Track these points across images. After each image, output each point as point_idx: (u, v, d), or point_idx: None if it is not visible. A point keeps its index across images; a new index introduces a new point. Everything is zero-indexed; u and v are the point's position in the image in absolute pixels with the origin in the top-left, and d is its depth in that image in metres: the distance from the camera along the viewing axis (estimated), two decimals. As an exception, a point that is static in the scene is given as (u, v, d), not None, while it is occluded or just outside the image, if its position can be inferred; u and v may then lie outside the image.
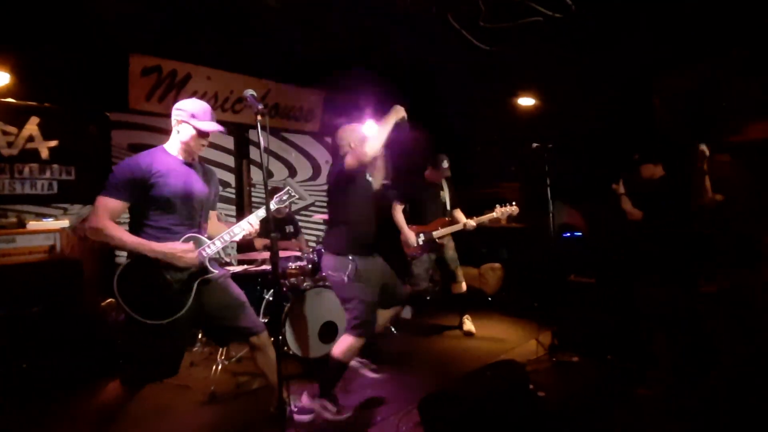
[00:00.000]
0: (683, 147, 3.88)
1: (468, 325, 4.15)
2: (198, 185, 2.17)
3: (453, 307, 4.36)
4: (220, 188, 2.53)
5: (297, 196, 2.55)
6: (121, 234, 1.96)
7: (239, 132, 5.07)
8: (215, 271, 2.16)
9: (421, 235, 4.00)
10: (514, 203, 3.89)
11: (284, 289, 3.52)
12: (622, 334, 3.22)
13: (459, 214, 4.14)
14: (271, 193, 4.46)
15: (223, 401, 2.88)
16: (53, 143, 3.89)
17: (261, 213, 2.29)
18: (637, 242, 3.28)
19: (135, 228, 2.05)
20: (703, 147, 2.84)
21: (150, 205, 2.03)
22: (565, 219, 4.92)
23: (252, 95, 1.95)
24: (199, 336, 3.80)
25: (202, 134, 2.15)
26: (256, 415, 2.63)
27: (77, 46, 3.83)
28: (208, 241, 2.15)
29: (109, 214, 1.97)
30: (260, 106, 1.92)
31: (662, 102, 4.27)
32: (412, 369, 3.40)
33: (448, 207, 4.14)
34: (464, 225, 3.98)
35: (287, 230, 4.30)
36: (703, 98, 3.97)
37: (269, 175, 1.97)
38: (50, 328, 3.18)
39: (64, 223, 3.63)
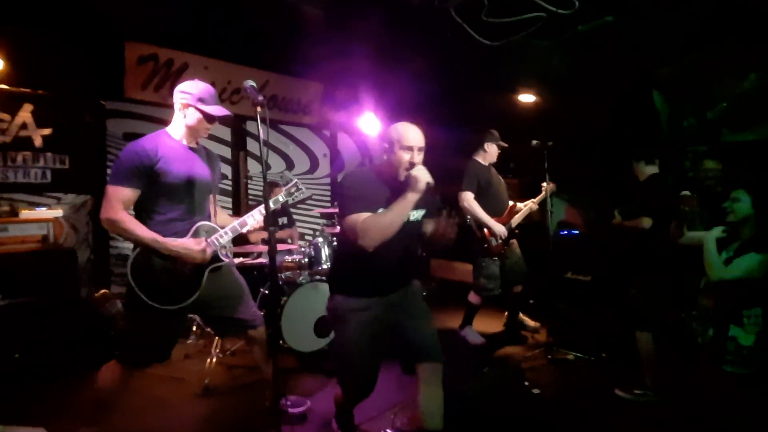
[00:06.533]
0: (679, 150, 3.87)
1: (528, 320, 3.98)
2: (202, 170, 2.14)
3: (501, 305, 4.17)
4: (221, 172, 2.50)
5: (303, 190, 2.54)
6: (137, 228, 1.93)
7: (237, 123, 5.02)
8: (225, 260, 2.16)
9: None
10: (550, 182, 3.57)
11: (280, 282, 3.51)
12: (617, 332, 3.24)
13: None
14: (270, 186, 4.40)
15: (218, 394, 2.86)
16: (47, 131, 3.83)
17: (276, 201, 2.36)
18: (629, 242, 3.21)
19: (142, 215, 2.00)
20: (686, 192, 2.68)
21: (156, 191, 1.99)
22: (563, 217, 4.92)
23: (252, 86, 1.90)
24: (194, 328, 3.78)
25: (210, 119, 2.10)
26: (251, 409, 2.61)
27: (72, 33, 3.77)
28: (221, 230, 2.14)
29: (122, 204, 1.92)
30: (260, 98, 1.89)
31: (663, 96, 4.24)
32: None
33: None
34: (530, 208, 3.70)
35: (280, 222, 4.27)
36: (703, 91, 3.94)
37: (267, 167, 1.95)
38: (44, 318, 3.15)
39: (58, 212, 3.59)
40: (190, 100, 2.06)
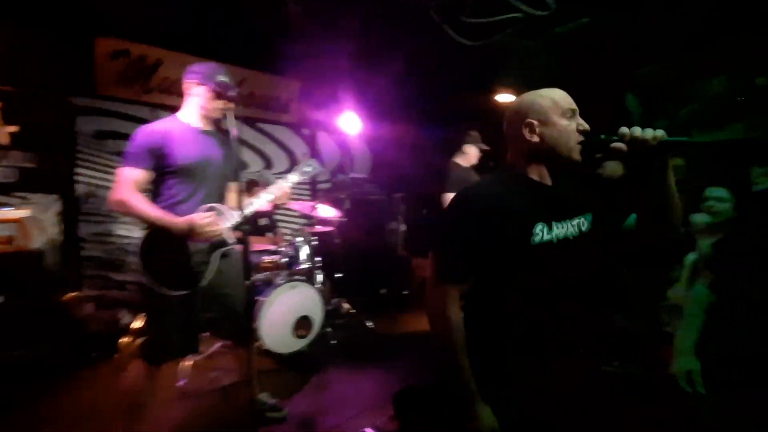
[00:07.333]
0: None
1: None
2: (216, 153, 2.11)
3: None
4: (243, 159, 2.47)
5: (320, 169, 2.50)
6: (144, 207, 1.93)
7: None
8: (232, 243, 2.11)
9: None
10: None
11: (257, 283, 3.46)
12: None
13: None
14: (249, 184, 4.29)
15: (194, 397, 2.80)
16: (14, 128, 3.68)
17: (292, 178, 2.30)
18: None
19: (154, 197, 2.02)
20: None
21: (167, 174, 1.99)
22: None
23: (223, 81, 1.88)
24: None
25: (219, 95, 2.07)
26: (228, 411, 2.58)
27: (41, 27, 3.62)
28: (229, 212, 2.10)
29: (134, 185, 1.93)
30: (232, 93, 1.87)
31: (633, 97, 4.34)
32: (388, 363, 3.39)
33: None
34: None
35: (260, 223, 4.21)
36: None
37: (244, 166, 1.94)
38: (11, 321, 3.02)
39: (25, 212, 3.46)
40: (199, 78, 2.06)
